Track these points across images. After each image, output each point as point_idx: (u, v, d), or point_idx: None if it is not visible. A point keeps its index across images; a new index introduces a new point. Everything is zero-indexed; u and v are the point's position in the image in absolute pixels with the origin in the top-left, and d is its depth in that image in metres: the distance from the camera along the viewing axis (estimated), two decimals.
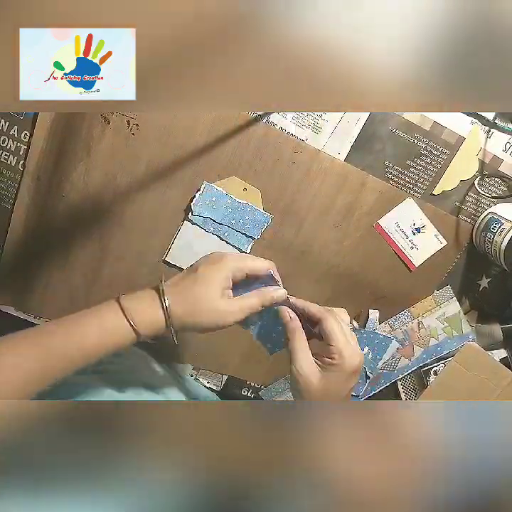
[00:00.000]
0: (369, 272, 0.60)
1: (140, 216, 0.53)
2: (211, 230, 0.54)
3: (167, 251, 0.55)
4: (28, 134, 0.49)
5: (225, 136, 0.51)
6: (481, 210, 0.58)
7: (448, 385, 0.63)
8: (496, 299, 0.64)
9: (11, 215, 0.52)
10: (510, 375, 0.62)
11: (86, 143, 0.49)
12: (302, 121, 0.52)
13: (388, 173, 0.55)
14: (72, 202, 0.52)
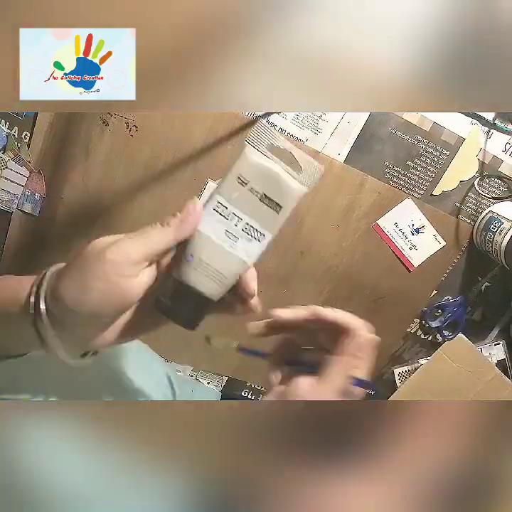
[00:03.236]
0: (368, 273, 0.60)
1: (139, 218, 0.53)
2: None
3: None
4: (28, 135, 0.49)
5: (224, 137, 0.51)
6: (480, 211, 0.58)
7: (432, 375, 0.64)
8: (496, 299, 0.64)
9: (11, 217, 0.52)
10: (493, 371, 0.63)
11: (85, 144, 0.49)
12: (302, 122, 0.52)
13: (388, 174, 0.55)
14: (71, 203, 0.52)
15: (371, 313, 0.62)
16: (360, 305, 0.61)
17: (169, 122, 0.49)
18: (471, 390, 0.64)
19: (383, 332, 0.63)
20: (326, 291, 0.60)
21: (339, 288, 0.60)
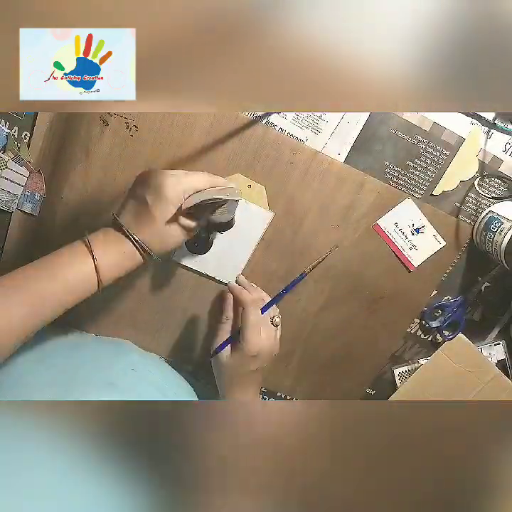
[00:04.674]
0: (368, 273, 0.60)
1: None
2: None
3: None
4: (28, 135, 0.49)
5: (224, 138, 0.51)
6: (480, 211, 0.58)
7: (432, 375, 0.64)
8: (496, 299, 0.64)
9: (10, 217, 0.52)
10: (494, 371, 0.63)
11: (85, 144, 0.49)
12: (302, 122, 0.52)
13: (388, 174, 0.55)
14: (71, 203, 0.52)
15: (371, 313, 0.62)
16: (360, 305, 0.61)
17: (169, 122, 0.49)
18: (471, 390, 0.64)
19: (383, 332, 0.64)
20: (326, 291, 0.60)
21: (339, 288, 0.60)
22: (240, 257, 0.56)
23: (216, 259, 0.56)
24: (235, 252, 0.56)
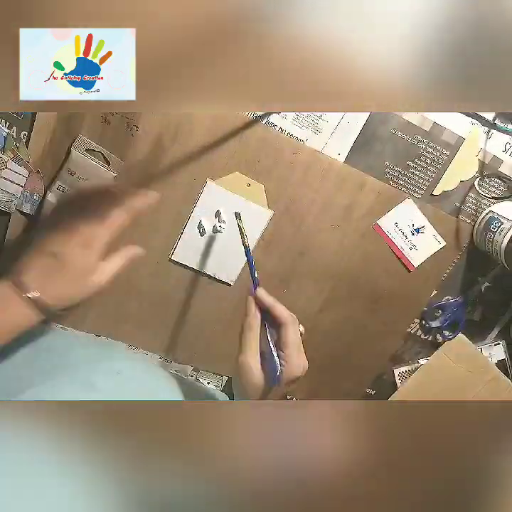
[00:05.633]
0: (368, 273, 0.60)
1: (139, 218, 0.53)
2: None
3: (173, 249, 0.55)
4: (26, 134, 0.49)
5: (224, 138, 0.51)
6: (480, 211, 0.58)
7: (432, 375, 0.64)
8: (496, 299, 0.64)
9: (10, 217, 0.52)
10: (494, 371, 0.63)
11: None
12: (302, 122, 0.52)
13: (388, 174, 0.55)
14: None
15: (371, 313, 0.62)
16: (360, 305, 0.61)
17: (169, 122, 0.49)
18: (471, 390, 0.64)
19: (383, 332, 0.64)
20: (326, 291, 0.60)
21: (339, 288, 0.60)
22: (239, 256, 0.56)
23: (216, 259, 0.56)
24: (235, 252, 0.56)
